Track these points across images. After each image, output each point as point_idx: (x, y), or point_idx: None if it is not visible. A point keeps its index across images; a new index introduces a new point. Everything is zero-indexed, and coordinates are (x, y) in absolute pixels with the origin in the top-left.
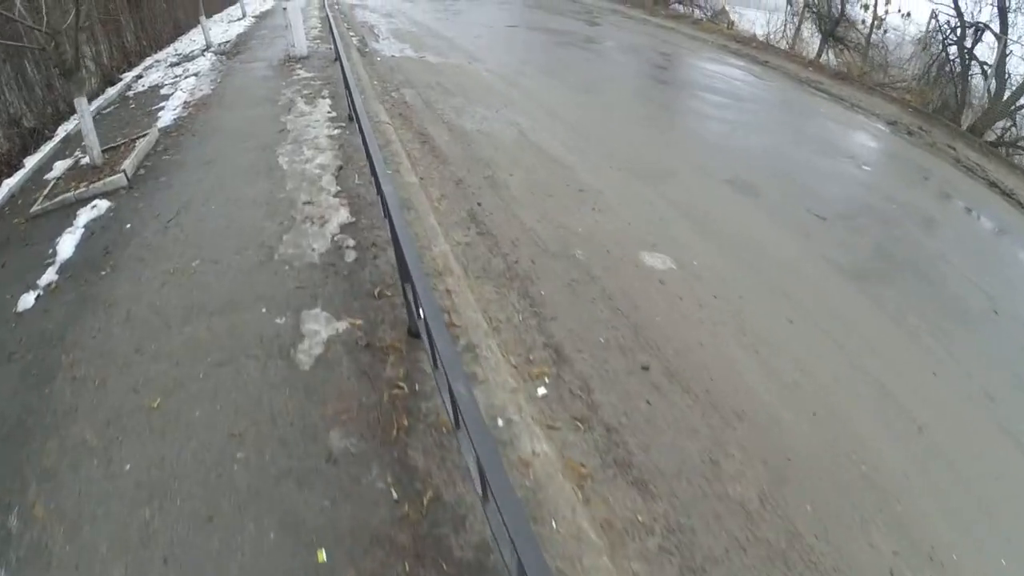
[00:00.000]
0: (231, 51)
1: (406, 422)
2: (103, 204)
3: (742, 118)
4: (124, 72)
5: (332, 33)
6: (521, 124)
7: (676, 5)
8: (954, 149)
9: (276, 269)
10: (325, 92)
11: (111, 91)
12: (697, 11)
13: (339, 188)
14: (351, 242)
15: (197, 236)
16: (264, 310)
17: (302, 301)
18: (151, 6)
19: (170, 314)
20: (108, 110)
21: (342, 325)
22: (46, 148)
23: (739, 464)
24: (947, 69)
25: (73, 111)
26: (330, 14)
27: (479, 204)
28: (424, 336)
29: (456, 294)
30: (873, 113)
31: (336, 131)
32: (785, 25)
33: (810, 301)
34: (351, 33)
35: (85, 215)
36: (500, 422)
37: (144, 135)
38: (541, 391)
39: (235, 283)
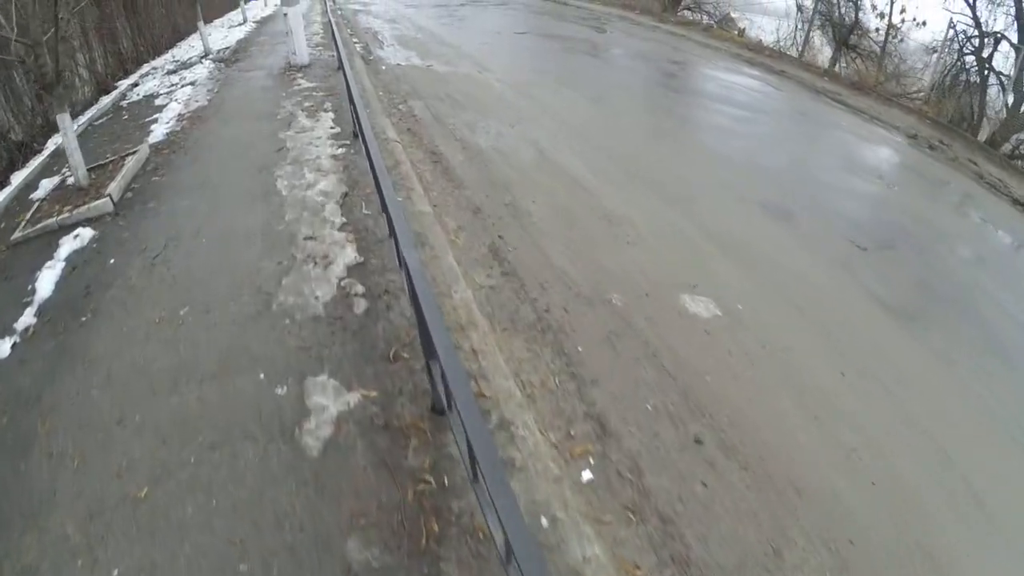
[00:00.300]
0: (230, 58)
1: (436, 527)
2: (86, 233)
3: (764, 132)
4: (120, 80)
5: (335, 40)
6: (538, 141)
7: (685, 12)
8: (975, 164)
9: (275, 322)
10: (328, 105)
11: (105, 100)
12: (706, 18)
13: (344, 220)
14: (360, 288)
15: (186, 277)
16: (262, 376)
17: (306, 365)
18: (149, 11)
19: (155, 376)
20: (100, 121)
21: (354, 397)
22: (34, 163)
23: (801, 552)
24: (963, 79)
25: None
26: (333, 20)
27: (501, 237)
28: (462, 444)
29: (483, 355)
30: (892, 126)
31: (340, 150)
32: (795, 32)
33: (858, 347)
34: (355, 40)
35: (67, 245)
36: (544, 521)
37: (134, 152)
38: (586, 475)
39: (228, 339)
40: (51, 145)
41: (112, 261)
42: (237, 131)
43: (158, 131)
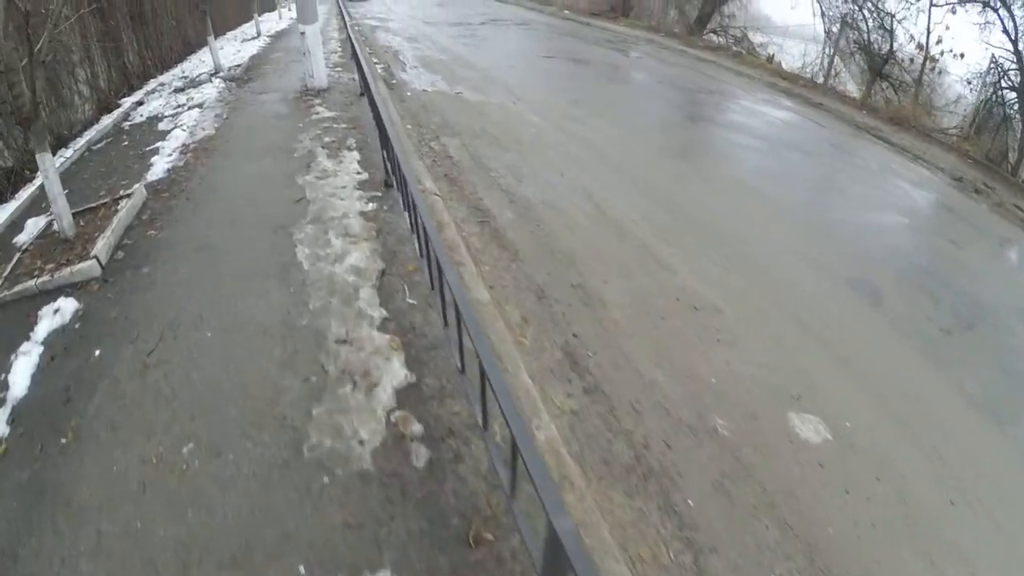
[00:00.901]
0: (242, 77)
1: None
2: (68, 307)
3: (817, 176)
4: (124, 97)
5: (359, 63)
6: (591, 192)
7: (711, 35)
8: (1021, 210)
9: (309, 479)
10: (351, 141)
11: (106, 121)
12: (734, 44)
13: (385, 313)
14: (417, 428)
15: (187, 392)
16: (302, 570)
17: (359, 555)
18: (157, 23)
19: (156, 555)
20: (99, 145)
21: None
22: (24, 195)
23: None
24: (1001, 114)
25: (63, 142)
26: (353, 38)
27: (575, 335)
28: None
29: (586, 526)
30: (936, 166)
31: (370, 205)
32: (822, 59)
33: (962, 465)
34: (374, 59)
35: (47, 322)
36: None
37: (128, 195)
38: None
39: (250, 504)
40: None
41: (98, 353)
42: (248, 171)
43: (158, 165)
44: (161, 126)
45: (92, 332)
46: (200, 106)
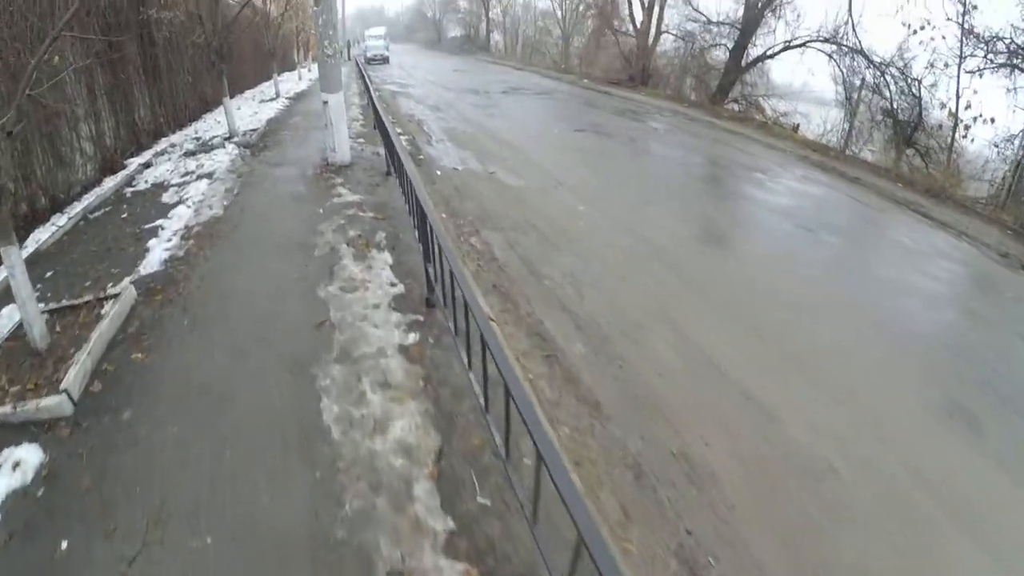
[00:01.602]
0: (257, 144)
1: None
2: (32, 460)
3: (883, 273)
4: (131, 156)
5: (387, 140)
6: (668, 311)
7: (732, 104)
8: None
9: None
10: (381, 236)
11: (108, 184)
12: (757, 113)
13: (451, 524)
14: None
15: None
16: None
17: None
18: (172, 79)
19: None
20: (96, 215)
21: None
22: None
23: None
24: None
25: (59, 207)
26: (380, 110)
27: (688, 532)
28: None
29: None
30: (982, 242)
31: (412, 335)
32: (842, 126)
33: None
34: (398, 129)
35: (5, 480)
36: None
37: (115, 296)
38: None
39: None
40: (32, 243)
41: (64, 546)
42: (258, 275)
43: (155, 253)
44: (165, 197)
45: (59, 507)
46: (210, 176)
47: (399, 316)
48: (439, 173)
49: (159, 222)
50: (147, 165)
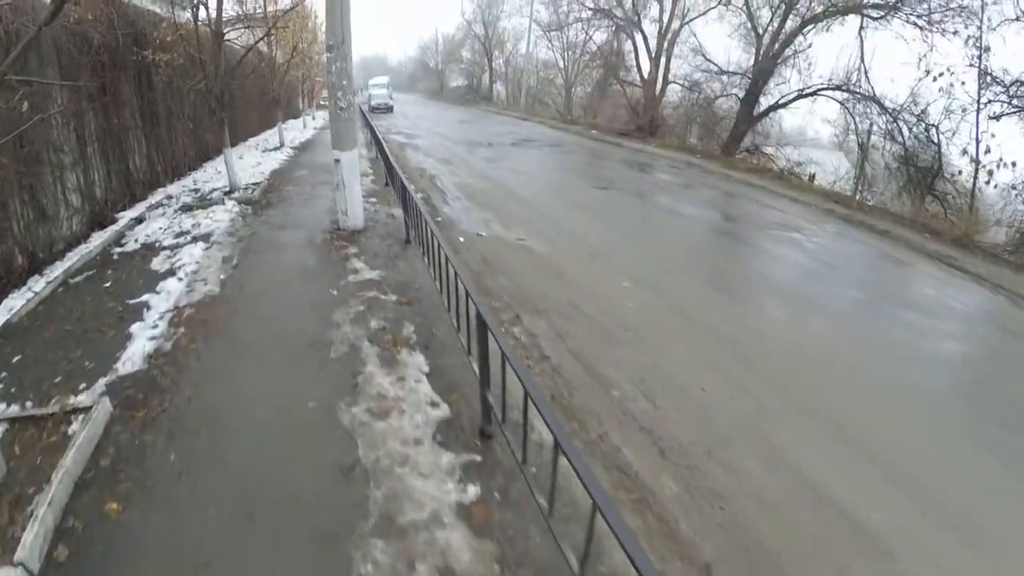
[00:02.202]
0: (260, 200)
1: None
2: None
3: (946, 347)
4: (124, 209)
5: (406, 201)
6: (758, 423)
7: (744, 154)
8: None
9: None
10: (410, 330)
11: (94, 242)
12: (771, 163)
13: None
14: None
15: None
16: None
17: None
18: (172, 124)
19: None
20: (78, 279)
21: None
22: None
23: None
24: None
25: (38, 267)
26: (398, 168)
27: None
28: None
29: None
30: (1017, 294)
31: (471, 487)
32: (855, 172)
33: None
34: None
35: None
36: None
37: (85, 411)
38: None
39: None
40: (3, 312)
41: None
42: (263, 388)
43: (137, 343)
44: (155, 263)
45: None
46: (206, 239)
47: (450, 457)
48: (462, 240)
49: (145, 297)
50: (140, 220)
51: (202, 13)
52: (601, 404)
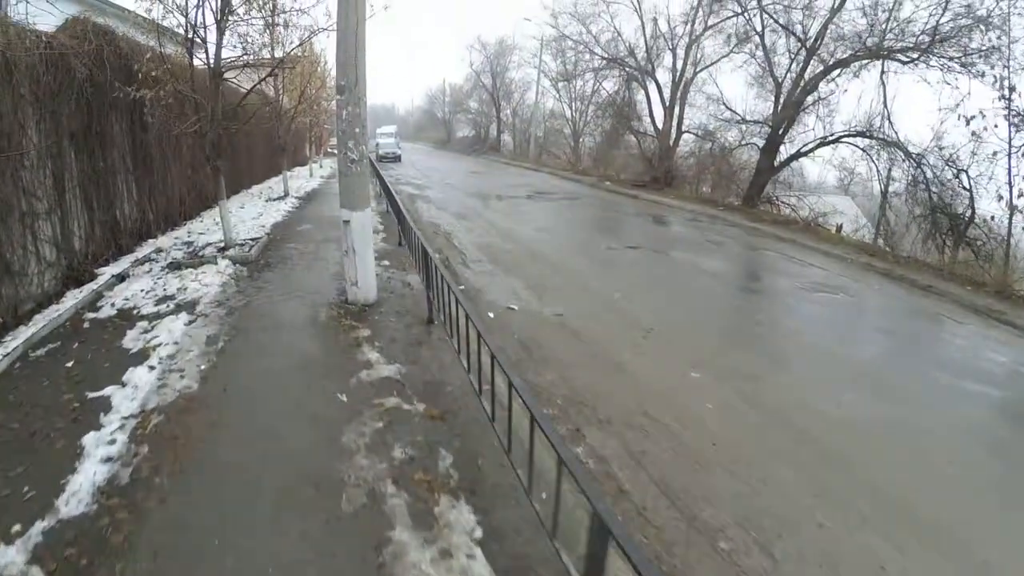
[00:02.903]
0: (257, 260)
1: None
2: None
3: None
4: (106, 263)
5: (429, 271)
6: None
7: (766, 204)
8: None
9: None
10: (446, 460)
11: (67, 303)
12: (789, 210)
13: None
14: None
15: None
16: None
17: None
18: (166, 169)
19: None
20: (39, 353)
21: None
22: None
23: None
24: None
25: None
26: (411, 224)
27: None
28: None
29: None
30: None
31: None
32: (879, 220)
33: None
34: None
35: None
36: None
37: None
38: None
39: None
40: None
41: None
42: (245, 563)
43: (87, 468)
44: (128, 339)
45: None
46: (191, 309)
47: None
48: (492, 315)
49: (108, 391)
50: (122, 278)
51: (203, 50)
52: (710, 565)
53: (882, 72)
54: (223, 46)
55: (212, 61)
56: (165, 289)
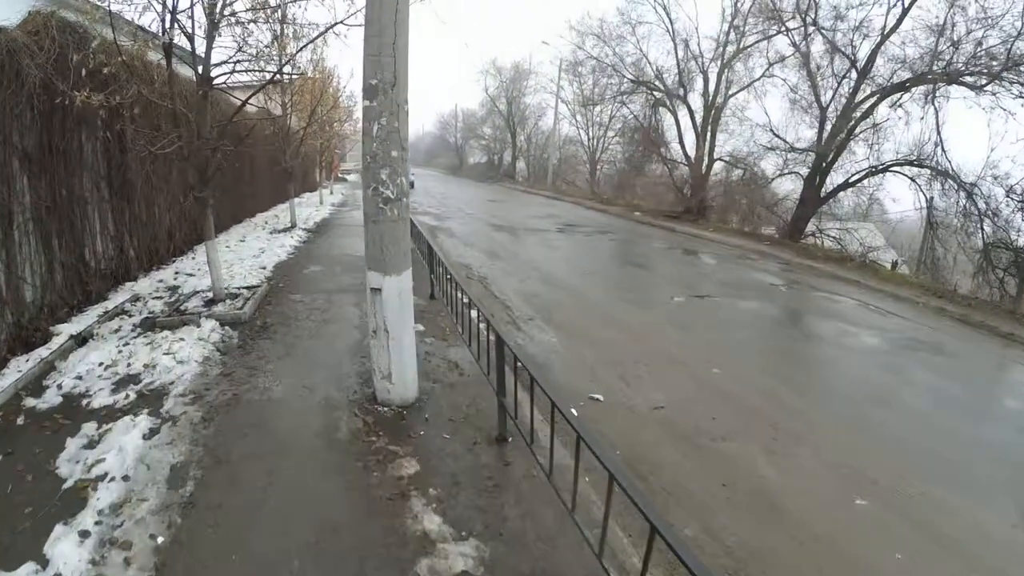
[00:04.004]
0: (253, 319)
1: None
2: None
3: None
4: (67, 316)
5: (501, 364)
6: None
7: (809, 238)
8: None
9: None
10: None
11: (6, 378)
12: (832, 242)
13: None
14: None
15: None
16: None
17: None
18: (151, 196)
19: None
20: None
21: None
22: None
23: None
24: None
25: None
26: (449, 268)
27: None
28: None
29: None
30: None
31: None
32: (924, 254)
33: None
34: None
35: None
36: None
37: None
38: None
39: None
40: None
41: None
42: None
43: None
44: (64, 458)
45: None
46: (157, 406)
47: None
48: (574, 411)
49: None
50: (83, 339)
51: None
52: None
53: (933, 97)
54: (214, 47)
55: (201, 66)
56: (130, 364)
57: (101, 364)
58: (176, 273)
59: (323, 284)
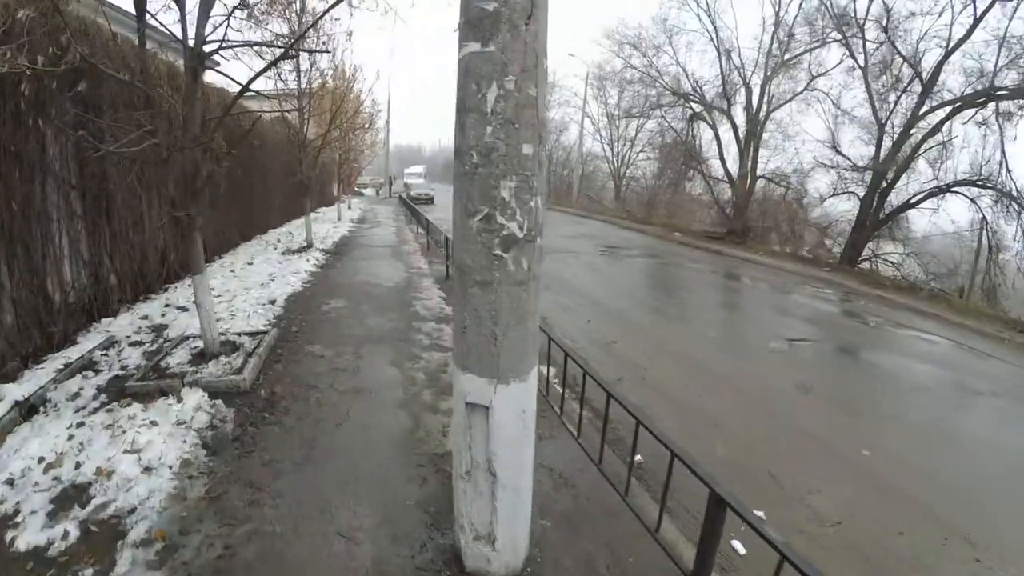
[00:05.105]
0: (256, 385)
1: None
2: None
3: None
4: (17, 373)
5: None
6: None
7: (865, 263)
8: None
9: None
10: None
11: None
12: (891, 268)
13: None
14: None
15: None
16: None
17: None
18: (138, 209)
19: None
20: None
21: None
22: None
23: None
24: None
25: None
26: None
27: None
28: None
29: None
30: None
31: None
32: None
33: None
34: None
35: None
36: None
37: None
38: None
39: None
40: None
41: None
42: None
43: None
44: None
45: None
46: (112, 551)
47: None
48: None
49: None
50: (31, 409)
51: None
52: None
53: (997, 113)
54: (211, 14)
55: (192, 37)
56: (79, 465)
57: (42, 461)
58: (166, 306)
59: (348, 328)
